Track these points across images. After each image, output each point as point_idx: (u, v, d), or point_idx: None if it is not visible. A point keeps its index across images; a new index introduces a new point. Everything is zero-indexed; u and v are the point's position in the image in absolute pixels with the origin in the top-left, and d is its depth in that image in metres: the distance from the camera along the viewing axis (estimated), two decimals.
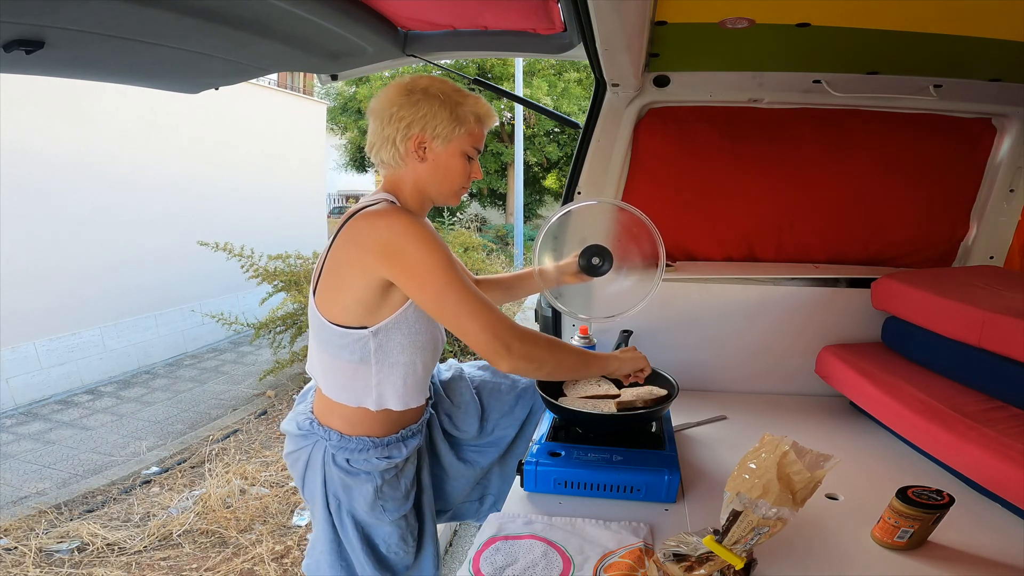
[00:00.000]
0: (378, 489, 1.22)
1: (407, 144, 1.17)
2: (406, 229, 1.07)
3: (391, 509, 1.25)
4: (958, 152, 1.81)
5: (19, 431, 4.23)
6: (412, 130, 1.16)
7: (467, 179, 1.24)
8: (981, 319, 1.28)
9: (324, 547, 1.28)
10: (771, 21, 1.26)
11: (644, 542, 1.01)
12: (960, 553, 1.03)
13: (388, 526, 1.26)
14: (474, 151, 1.22)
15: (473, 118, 1.19)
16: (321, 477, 1.24)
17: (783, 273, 1.80)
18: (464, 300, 1.06)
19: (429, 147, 1.18)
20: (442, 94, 1.16)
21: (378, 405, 1.21)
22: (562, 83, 10.95)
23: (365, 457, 1.21)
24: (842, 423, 1.62)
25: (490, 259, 7.01)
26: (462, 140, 1.19)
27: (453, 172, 1.21)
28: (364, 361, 1.17)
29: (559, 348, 1.19)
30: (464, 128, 1.18)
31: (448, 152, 1.19)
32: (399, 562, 1.30)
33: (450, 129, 1.16)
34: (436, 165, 1.19)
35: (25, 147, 4.68)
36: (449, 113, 1.16)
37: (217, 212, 6.50)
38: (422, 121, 1.15)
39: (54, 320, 5.00)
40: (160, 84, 1.77)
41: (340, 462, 1.22)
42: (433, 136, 1.16)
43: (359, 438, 1.21)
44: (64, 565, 2.59)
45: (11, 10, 1.00)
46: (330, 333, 1.16)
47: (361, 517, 1.25)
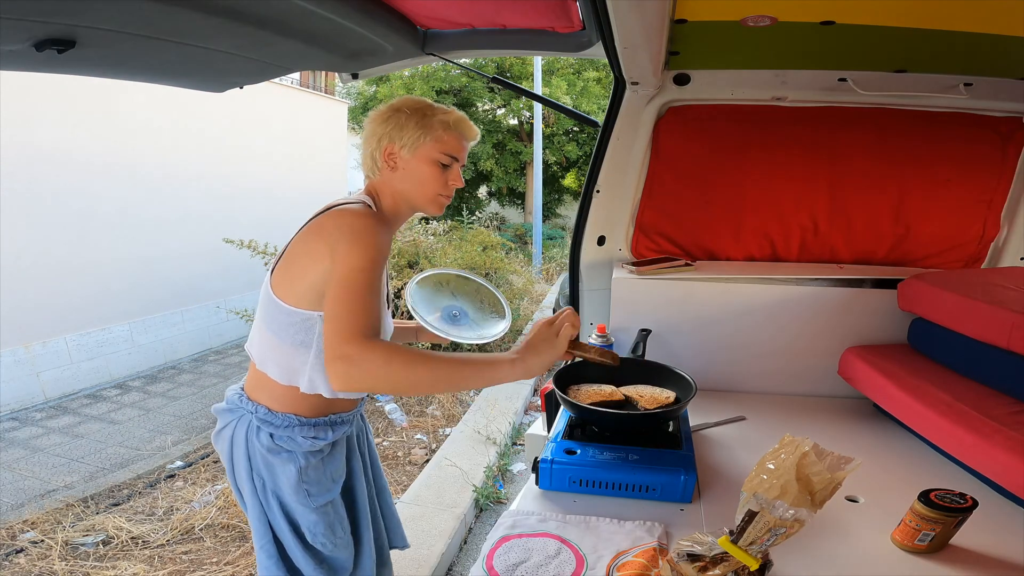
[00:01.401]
0: (302, 471, 1.24)
1: (380, 156, 1.26)
2: (359, 228, 1.11)
3: (315, 494, 1.26)
4: (988, 151, 1.77)
5: (48, 425, 4.34)
6: (383, 142, 1.25)
7: (442, 186, 1.28)
8: (1011, 321, 1.25)
9: (260, 541, 1.28)
10: (794, 19, 1.24)
11: (659, 542, 1.01)
12: (982, 557, 1.01)
13: (313, 513, 1.27)
14: (446, 158, 1.26)
15: (440, 126, 1.24)
16: (245, 455, 1.26)
17: (807, 273, 1.77)
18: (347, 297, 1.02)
19: (398, 156, 1.25)
20: (410, 109, 1.25)
21: (310, 388, 1.23)
22: (581, 82, 10.91)
23: (290, 435, 1.24)
24: (865, 425, 1.59)
25: (509, 258, 7.02)
26: (429, 147, 1.24)
27: (424, 179, 1.26)
28: (305, 344, 1.20)
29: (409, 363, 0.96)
30: (430, 136, 1.24)
31: (416, 159, 1.25)
32: (333, 556, 1.31)
33: (415, 137, 1.23)
34: (407, 172, 1.26)
35: (56, 147, 4.81)
36: (415, 124, 1.23)
37: (242, 210, 6.61)
38: (391, 134, 1.24)
39: (84, 316, 5.12)
40: (186, 83, 1.81)
41: (264, 438, 1.24)
42: (401, 145, 1.24)
43: (285, 415, 1.24)
44: (89, 558, 2.66)
45: (43, 10, 1.03)
46: (278, 311, 1.20)
47: (287, 500, 1.26)
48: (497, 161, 11.64)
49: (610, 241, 1.99)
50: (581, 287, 2.04)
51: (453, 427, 3.93)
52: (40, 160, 4.68)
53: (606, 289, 1.92)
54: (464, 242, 6.10)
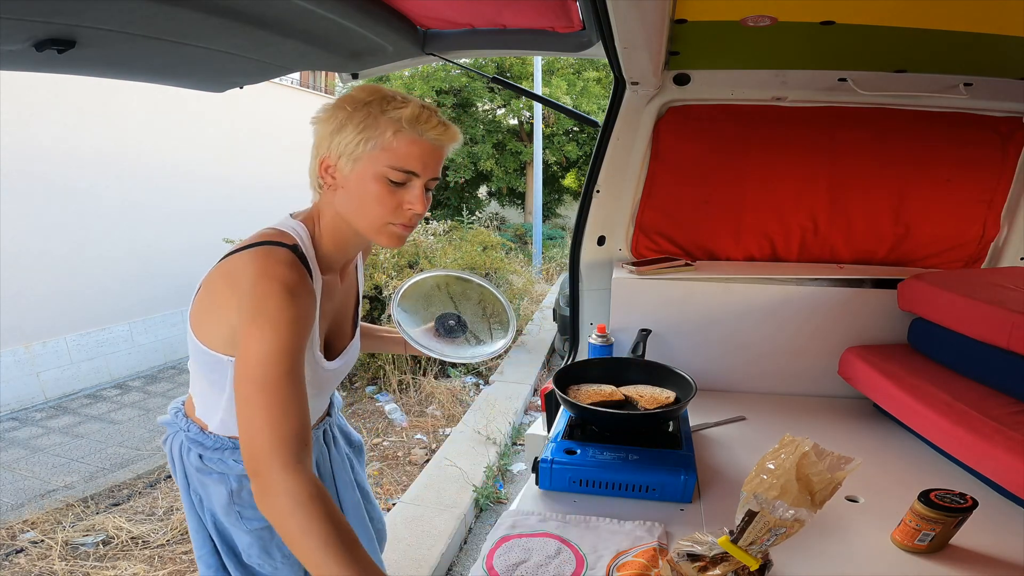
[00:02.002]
0: (234, 493, 1.13)
1: (317, 168, 0.99)
2: (268, 298, 0.87)
3: (249, 517, 1.14)
4: (988, 151, 1.77)
5: (49, 425, 4.34)
6: (320, 150, 0.97)
7: (392, 212, 0.97)
8: (1011, 321, 1.25)
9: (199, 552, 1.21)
10: (794, 19, 1.24)
11: (659, 542, 1.01)
12: (982, 557, 1.01)
13: (247, 535, 1.15)
14: (398, 173, 0.95)
15: (391, 128, 0.93)
16: (182, 470, 1.17)
17: (806, 273, 1.77)
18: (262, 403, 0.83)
19: (336, 170, 0.96)
20: (355, 103, 0.94)
21: (221, 429, 1.12)
22: (581, 82, 10.89)
23: (220, 457, 1.12)
24: (864, 425, 1.59)
25: (509, 258, 7.02)
26: (373, 157, 0.94)
27: (366, 200, 0.96)
28: (219, 385, 1.06)
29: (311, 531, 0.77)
30: (375, 142, 0.93)
31: (356, 174, 0.95)
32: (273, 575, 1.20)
33: (355, 144, 0.93)
34: (348, 193, 0.97)
35: (57, 145, 4.81)
36: (356, 124, 0.93)
37: (242, 209, 6.60)
38: (329, 138, 0.95)
39: (84, 316, 5.12)
40: (187, 83, 1.81)
41: (193, 458, 1.14)
42: (338, 154, 0.95)
43: (216, 436, 1.13)
44: (89, 558, 2.66)
45: (43, 10, 1.03)
46: (195, 348, 1.05)
47: (219, 518, 1.16)
48: (497, 161, 11.63)
49: (610, 241, 1.99)
50: (581, 287, 2.04)
51: (453, 427, 3.93)
52: (40, 160, 4.68)
53: (606, 289, 1.92)
54: (464, 242, 6.11)
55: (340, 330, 1.23)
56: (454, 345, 1.37)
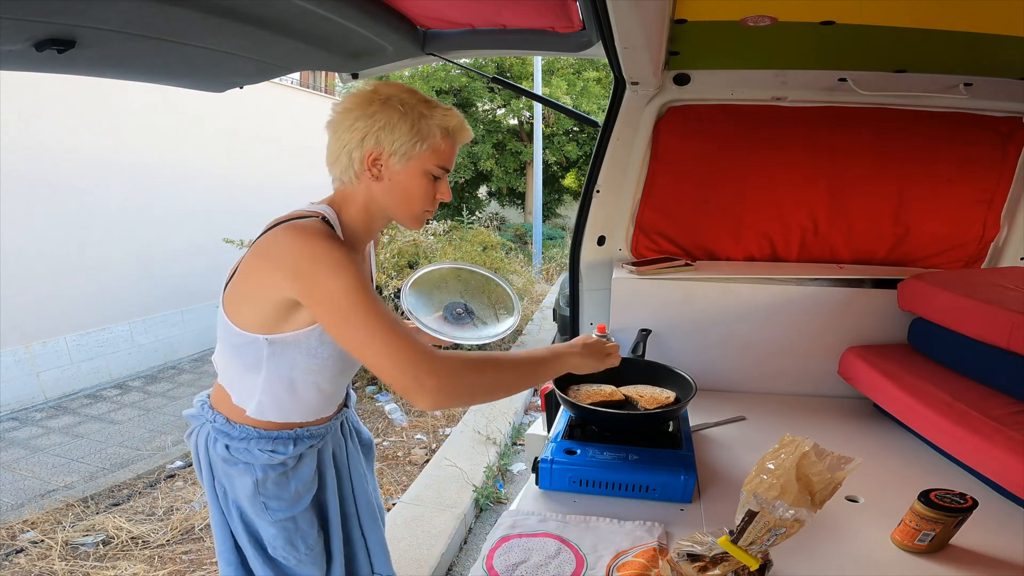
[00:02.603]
0: (258, 483, 1.16)
1: (360, 160, 1.06)
2: (318, 253, 0.95)
3: (275, 508, 1.17)
4: (988, 151, 1.77)
5: (49, 425, 4.34)
6: (366, 144, 1.04)
7: (431, 202, 1.12)
8: (1011, 321, 1.25)
9: (220, 547, 1.23)
10: (794, 19, 1.24)
11: (659, 542, 1.01)
12: (983, 557, 1.01)
13: (272, 526, 1.18)
14: (440, 170, 1.09)
15: (440, 132, 1.06)
16: (207, 462, 1.20)
17: (806, 273, 1.78)
18: (371, 330, 0.91)
19: (385, 164, 1.06)
20: (404, 104, 1.04)
21: (258, 413, 1.15)
22: (581, 82, 10.89)
23: (246, 447, 1.15)
24: (865, 425, 1.59)
25: (509, 258, 7.02)
26: (424, 158, 1.06)
27: (413, 194, 1.09)
28: (254, 367, 1.10)
29: (490, 366, 0.97)
30: (427, 144, 1.05)
31: (407, 171, 1.06)
32: (296, 571, 1.22)
33: (410, 145, 1.04)
34: (393, 185, 1.08)
35: (57, 145, 4.81)
36: (410, 126, 1.03)
37: (242, 209, 6.60)
38: (377, 134, 1.03)
39: (84, 316, 5.12)
40: (186, 83, 1.81)
41: (220, 449, 1.17)
42: (390, 152, 1.04)
43: (242, 426, 1.16)
44: (89, 558, 2.65)
45: (43, 10, 1.03)
46: (229, 331, 1.10)
47: (246, 511, 1.19)
48: (497, 161, 11.63)
49: (610, 241, 1.99)
50: (581, 287, 2.04)
51: (453, 427, 3.93)
52: (40, 160, 4.68)
53: (606, 289, 1.93)
54: (464, 242, 6.11)
55: None
56: (463, 329, 1.43)
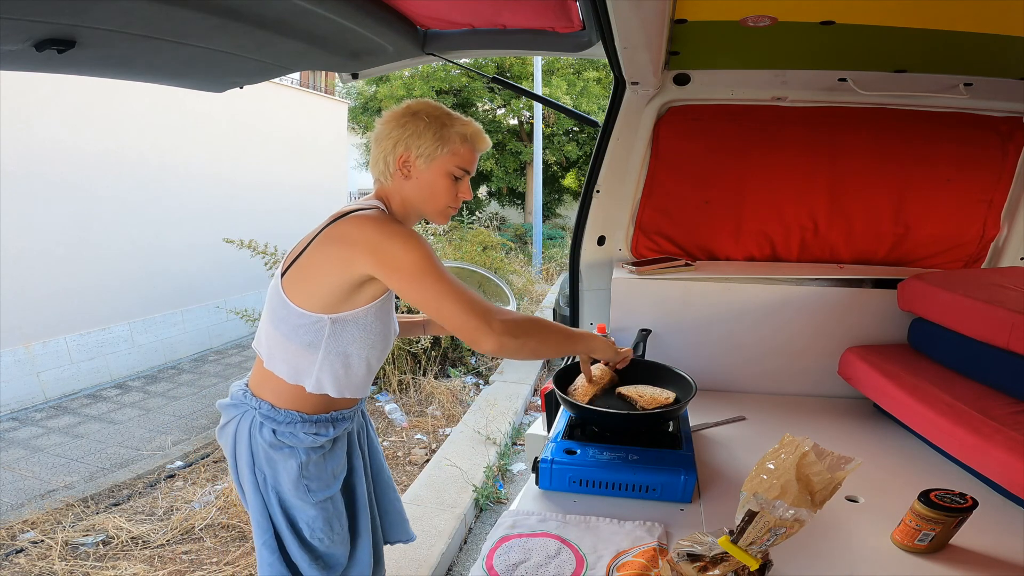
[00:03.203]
0: (303, 466, 1.26)
1: (394, 162, 1.24)
2: (393, 230, 1.13)
3: (316, 489, 1.28)
4: (988, 151, 1.77)
5: (49, 425, 4.34)
6: (398, 149, 1.23)
7: (453, 199, 1.28)
8: (1011, 321, 1.25)
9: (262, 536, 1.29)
10: (794, 19, 1.24)
11: (658, 542, 1.01)
12: (983, 557, 1.01)
13: (312, 508, 1.28)
14: (460, 171, 1.26)
15: (459, 139, 1.23)
16: (248, 450, 1.27)
17: (806, 273, 1.78)
18: (445, 286, 1.11)
19: (413, 165, 1.24)
20: (429, 116, 1.22)
21: (317, 388, 1.25)
22: (581, 82, 10.89)
23: (292, 431, 1.25)
24: (864, 425, 1.60)
25: (509, 258, 7.01)
26: (445, 160, 1.23)
27: (437, 191, 1.26)
28: (314, 345, 1.22)
29: (541, 325, 1.20)
30: (448, 148, 1.23)
31: (431, 171, 1.24)
32: (328, 552, 1.32)
33: (433, 148, 1.22)
34: (420, 183, 1.25)
35: (58, 145, 4.80)
36: (433, 133, 1.21)
37: (242, 209, 6.61)
38: (407, 141, 1.22)
39: (84, 316, 5.12)
40: (186, 83, 1.81)
41: (266, 434, 1.25)
42: (417, 155, 1.22)
43: (288, 411, 1.26)
44: (89, 558, 2.65)
45: (43, 10, 1.03)
46: (288, 312, 1.21)
47: (286, 497, 1.28)
48: (497, 161, 11.64)
49: (610, 241, 1.99)
50: (581, 287, 2.04)
51: (453, 427, 3.93)
52: (40, 159, 4.68)
53: (606, 289, 1.93)
54: (464, 242, 6.11)
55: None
56: None
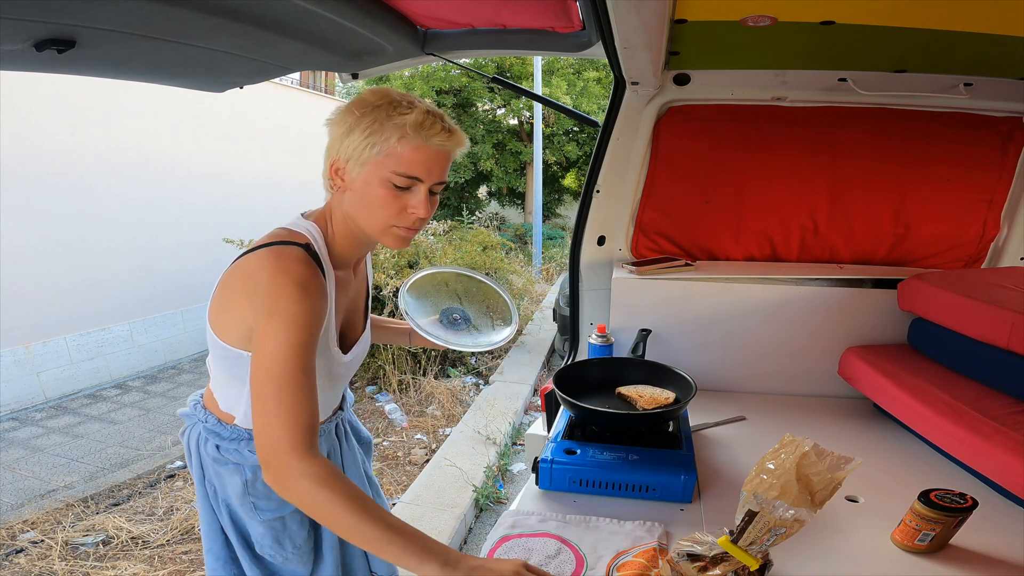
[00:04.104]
0: (247, 484, 1.16)
1: (326, 170, 1.03)
2: (282, 298, 0.92)
3: (263, 508, 1.17)
4: (988, 151, 1.77)
5: (49, 425, 4.34)
6: (331, 153, 1.01)
7: (396, 215, 1.00)
8: (1011, 321, 1.25)
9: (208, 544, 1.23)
10: (794, 19, 1.24)
11: (659, 542, 1.01)
12: (983, 557, 1.01)
13: (260, 525, 1.18)
14: (402, 179, 0.97)
15: (396, 133, 0.94)
16: (198, 461, 1.20)
17: (806, 273, 1.78)
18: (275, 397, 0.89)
19: (344, 173, 1.00)
20: (364, 106, 0.96)
21: (245, 422, 1.14)
22: (581, 82, 10.89)
23: (236, 447, 1.15)
24: (864, 425, 1.59)
25: (509, 258, 7.01)
26: (379, 163, 0.96)
27: (372, 204, 0.99)
28: (239, 379, 1.08)
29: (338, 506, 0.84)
30: (380, 148, 0.95)
31: (363, 178, 0.98)
32: (283, 568, 1.22)
33: (361, 148, 0.96)
34: (353, 195, 1.01)
35: (57, 145, 4.81)
36: (363, 129, 0.95)
37: (242, 209, 6.61)
38: (339, 141, 0.98)
39: (84, 316, 5.12)
40: (186, 83, 1.81)
41: (210, 448, 1.17)
42: (346, 158, 0.98)
43: (233, 427, 1.16)
44: (89, 558, 2.65)
45: (43, 10, 1.03)
46: (213, 343, 1.09)
47: (234, 508, 1.19)
48: (497, 161, 11.63)
49: (610, 241, 1.99)
50: (581, 287, 2.04)
51: (453, 427, 3.93)
52: (40, 159, 4.68)
53: (606, 289, 1.92)
54: (464, 242, 6.11)
55: (353, 323, 1.25)
56: (458, 335, 1.42)
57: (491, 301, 1.51)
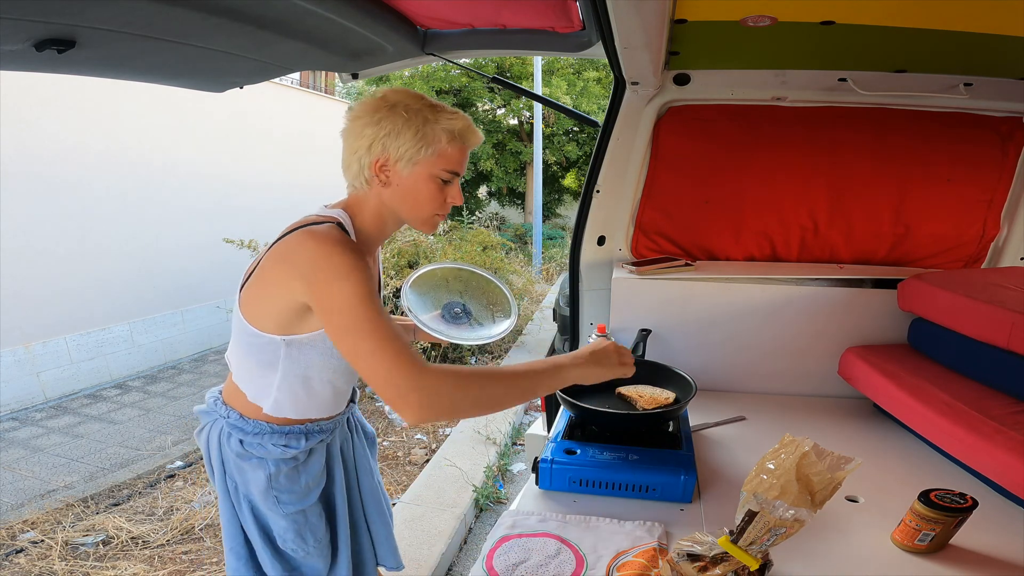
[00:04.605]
0: (271, 477, 1.19)
1: (368, 166, 1.09)
2: (333, 259, 0.97)
3: (285, 502, 1.20)
4: (988, 151, 1.77)
5: (49, 425, 4.34)
6: (374, 151, 1.07)
7: (440, 206, 1.14)
8: (1011, 321, 1.25)
9: (230, 543, 1.25)
10: (794, 19, 1.24)
11: (658, 542, 1.01)
12: (983, 557, 1.01)
13: (282, 519, 1.21)
14: (448, 174, 1.11)
15: (445, 137, 1.08)
16: (219, 458, 1.22)
17: (807, 273, 1.78)
18: (367, 341, 0.93)
19: (392, 170, 1.09)
20: (408, 110, 1.06)
21: (275, 410, 1.18)
22: (581, 82, 10.89)
23: (259, 442, 1.18)
24: (864, 425, 1.59)
25: (509, 258, 7.01)
26: (430, 162, 1.08)
27: (422, 198, 1.11)
28: (271, 365, 1.13)
29: (477, 381, 0.95)
30: (432, 149, 1.07)
31: (414, 176, 1.09)
32: (304, 563, 1.25)
33: (415, 150, 1.06)
34: (402, 190, 1.10)
35: (58, 145, 4.81)
36: (415, 132, 1.06)
37: (242, 208, 6.61)
38: (384, 140, 1.06)
39: (84, 315, 5.12)
40: (186, 83, 1.81)
41: (234, 444, 1.19)
42: (396, 157, 1.07)
43: (256, 422, 1.19)
44: (89, 558, 2.65)
45: (43, 10, 1.03)
46: (244, 331, 1.12)
47: (256, 504, 1.22)
48: (497, 161, 11.63)
49: (610, 241, 1.99)
50: (581, 287, 2.04)
51: (453, 427, 3.93)
52: (40, 159, 4.68)
53: (606, 289, 1.92)
54: (464, 242, 6.10)
55: None
56: (460, 329, 1.44)
57: (491, 295, 1.55)
